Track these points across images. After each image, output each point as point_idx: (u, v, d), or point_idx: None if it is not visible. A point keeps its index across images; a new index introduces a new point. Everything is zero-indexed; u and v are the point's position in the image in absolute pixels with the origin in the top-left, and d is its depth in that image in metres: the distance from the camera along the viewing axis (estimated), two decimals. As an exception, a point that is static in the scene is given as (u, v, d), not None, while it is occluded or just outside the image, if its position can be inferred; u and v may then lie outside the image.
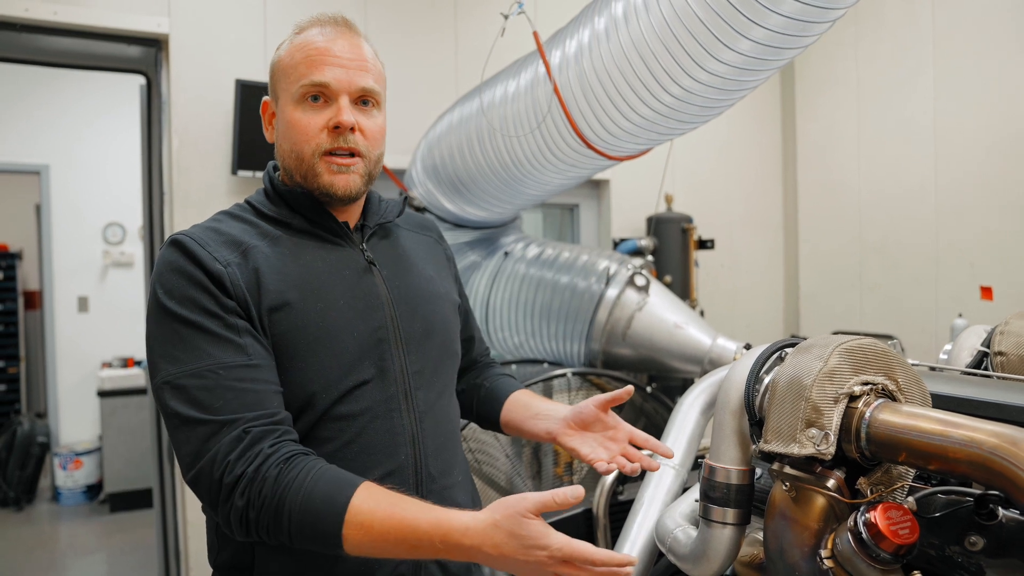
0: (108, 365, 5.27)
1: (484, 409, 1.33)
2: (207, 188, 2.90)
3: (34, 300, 6.73)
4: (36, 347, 6.64)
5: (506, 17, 1.98)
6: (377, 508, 0.90)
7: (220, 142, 2.90)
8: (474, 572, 1.23)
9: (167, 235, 2.89)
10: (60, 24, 2.64)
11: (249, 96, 2.83)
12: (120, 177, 5.26)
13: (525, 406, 1.28)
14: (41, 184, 5.31)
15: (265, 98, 1.16)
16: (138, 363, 5.27)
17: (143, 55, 2.94)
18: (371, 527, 0.89)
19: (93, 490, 5.15)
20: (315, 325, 1.04)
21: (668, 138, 1.91)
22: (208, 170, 2.90)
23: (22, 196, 6.54)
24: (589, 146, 1.88)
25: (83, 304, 5.41)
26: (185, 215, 2.85)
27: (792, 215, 4.41)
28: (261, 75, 2.94)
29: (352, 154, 1.10)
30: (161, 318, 0.99)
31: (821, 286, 4.25)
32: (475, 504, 1.26)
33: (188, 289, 0.99)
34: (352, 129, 1.08)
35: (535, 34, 1.93)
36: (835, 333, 0.99)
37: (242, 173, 2.88)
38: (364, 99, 1.11)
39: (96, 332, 5.38)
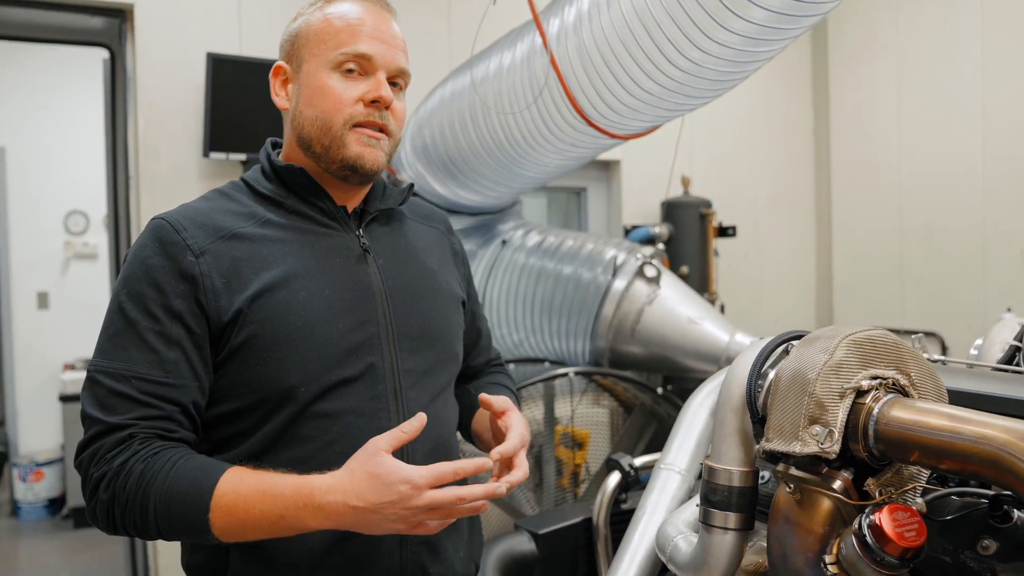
0: (71, 367, 5.33)
1: (465, 418, 1.38)
2: (176, 171, 2.95)
3: (-10, 296, 6.81)
4: (-8, 348, 6.72)
5: (498, -17, 2.02)
6: (242, 485, 0.97)
7: (190, 121, 2.94)
8: None
9: (133, 223, 2.95)
10: (16, -8, 2.69)
11: (222, 71, 2.87)
12: (82, 161, 5.31)
13: (480, 417, 1.34)
14: (-4, 168, 5.38)
15: (278, 63, 1.21)
16: (104, 365, 5.32)
17: (106, 26, 2.98)
18: (235, 507, 0.96)
19: (55, 504, 5.22)
20: (296, 314, 1.08)
21: (676, 115, 1.94)
22: (177, 152, 2.95)
23: (-25, 182, 6.62)
24: (590, 123, 1.92)
25: (43, 300, 5.47)
26: (153, 201, 2.89)
27: (825, 198, 4.43)
28: (235, 48, 2.98)
29: (381, 130, 1.16)
30: (112, 304, 1.08)
31: (857, 277, 4.27)
32: (473, 522, 1.30)
33: (141, 284, 1.06)
34: (387, 106, 1.15)
35: (530, 1, 1.97)
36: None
37: (215, 155, 2.93)
38: (395, 80, 1.17)
39: (57, 331, 5.44)
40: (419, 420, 1.00)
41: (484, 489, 0.98)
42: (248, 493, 0.97)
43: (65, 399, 5.03)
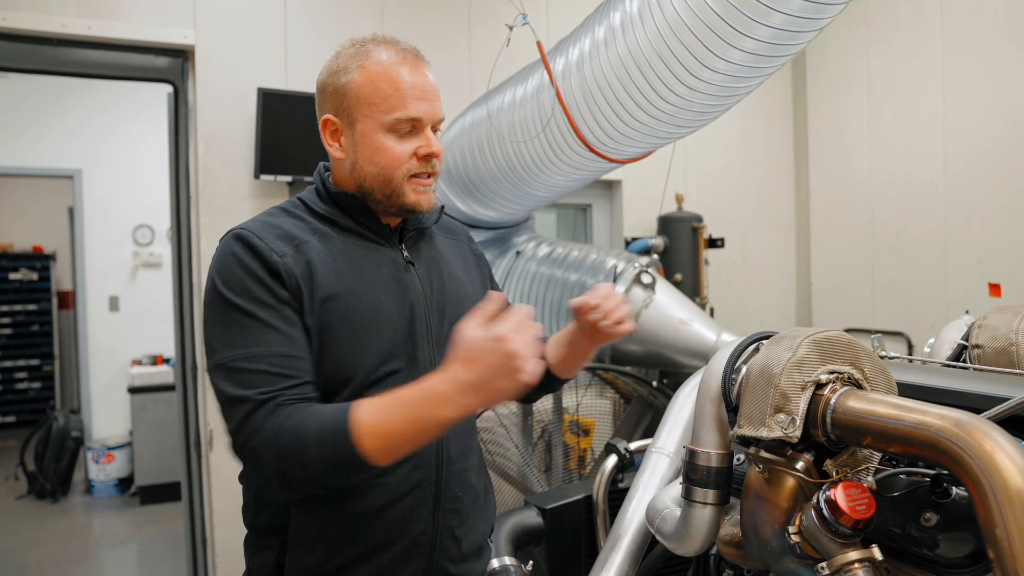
0: (138, 363, 5.42)
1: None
2: (231, 191, 3.01)
3: (67, 300, 6.95)
4: (69, 345, 6.85)
5: (511, 28, 2.06)
6: (375, 409, 1.00)
7: (243, 147, 3.01)
8: (484, 550, 1.32)
9: (193, 236, 3.01)
10: (93, 38, 2.76)
11: (270, 104, 2.93)
12: (149, 181, 5.40)
13: (556, 340, 1.38)
14: (74, 188, 5.48)
15: (326, 116, 1.22)
16: (166, 360, 5.41)
17: (170, 65, 3.05)
18: (378, 426, 0.98)
19: (124, 483, 5.31)
20: (360, 315, 1.13)
21: (667, 142, 1.97)
22: (232, 174, 3.01)
23: (56, 200, 6.75)
24: (591, 149, 1.95)
25: (114, 303, 5.57)
26: (211, 217, 2.96)
27: (804, 213, 4.43)
28: (282, 83, 3.04)
29: (429, 175, 1.21)
30: (219, 305, 1.08)
31: (833, 283, 4.27)
32: (488, 490, 1.35)
33: (246, 281, 1.08)
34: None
35: (538, 43, 2.01)
36: (846, 330, 1.04)
37: (264, 177, 2.99)
38: (435, 127, 1.22)
39: (126, 331, 5.53)
40: (496, 301, 1.01)
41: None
42: (382, 408, 0.99)
43: (133, 391, 5.12)
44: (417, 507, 1.16)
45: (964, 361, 1.32)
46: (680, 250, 3.58)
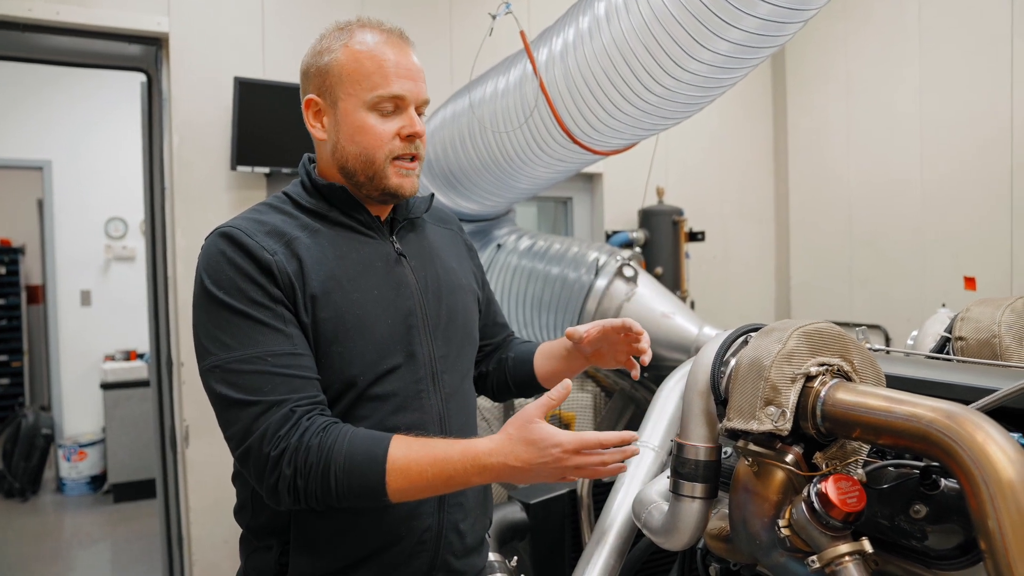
0: (111, 358, 5.33)
1: (518, 374, 1.41)
2: (207, 183, 2.95)
3: (37, 294, 6.80)
4: (39, 341, 6.70)
5: (494, 17, 2.04)
6: (410, 452, 1.00)
7: (219, 138, 2.95)
8: (485, 543, 1.33)
9: (168, 228, 2.95)
10: (62, 23, 2.68)
11: (247, 93, 2.88)
12: (121, 172, 5.31)
13: (548, 352, 1.39)
14: (44, 179, 5.36)
15: (309, 96, 1.19)
16: (140, 356, 5.32)
17: (144, 53, 2.98)
18: (409, 470, 0.99)
19: (97, 481, 5.22)
20: (352, 313, 1.10)
21: (651, 133, 1.96)
22: (208, 165, 2.95)
23: (25, 192, 6.59)
24: (575, 141, 1.93)
25: (85, 298, 5.47)
26: (186, 209, 2.90)
27: (783, 207, 4.46)
28: (259, 73, 2.99)
29: (413, 158, 1.18)
30: (210, 306, 1.05)
31: (812, 277, 4.31)
32: (487, 484, 1.34)
33: (238, 280, 1.05)
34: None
35: (522, 33, 1.98)
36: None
37: (241, 168, 2.93)
38: (419, 109, 1.20)
39: (98, 325, 5.44)
40: (565, 387, 1.01)
41: (623, 452, 1.01)
42: (419, 458, 0.99)
43: (105, 387, 5.03)
44: (423, 504, 1.15)
45: (947, 353, 1.33)
46: (661, 243, 3.58)
